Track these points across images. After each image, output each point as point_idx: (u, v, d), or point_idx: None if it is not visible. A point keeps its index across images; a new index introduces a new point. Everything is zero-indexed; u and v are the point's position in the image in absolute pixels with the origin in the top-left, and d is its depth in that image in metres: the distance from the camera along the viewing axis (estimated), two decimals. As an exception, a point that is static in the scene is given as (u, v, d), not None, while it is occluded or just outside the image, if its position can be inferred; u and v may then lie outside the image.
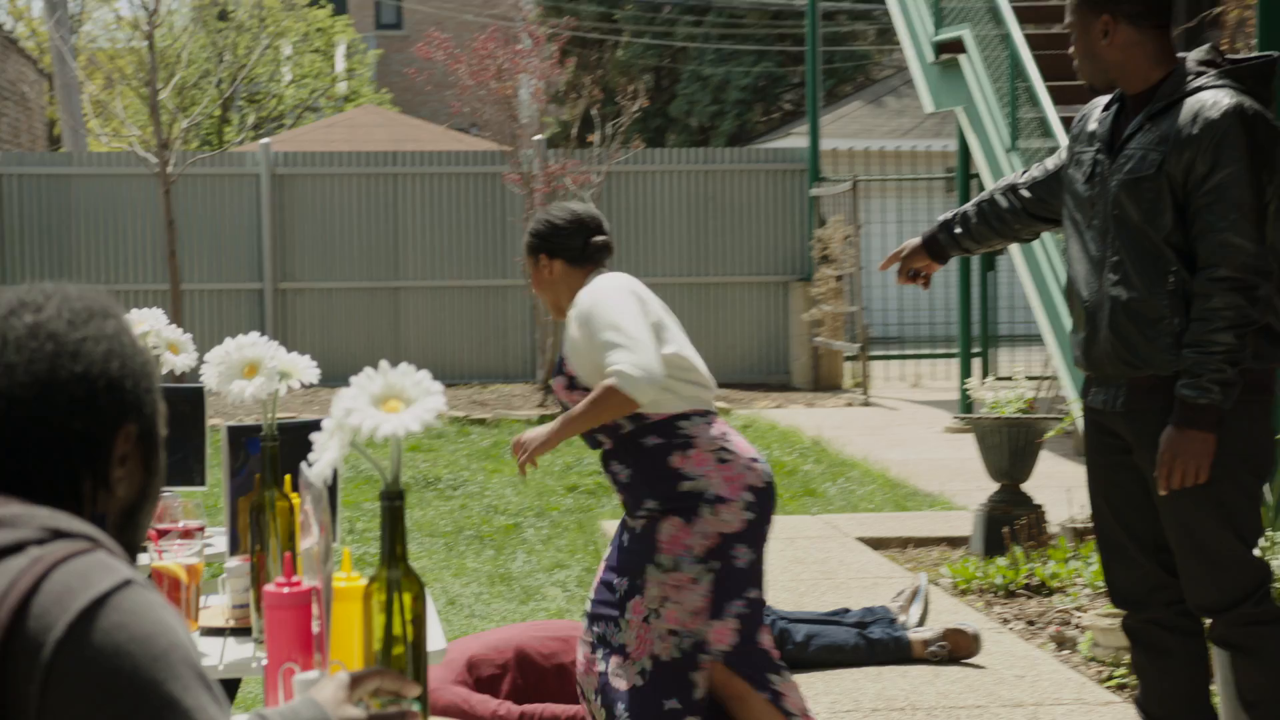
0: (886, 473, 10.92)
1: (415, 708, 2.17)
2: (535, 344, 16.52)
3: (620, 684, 4.62)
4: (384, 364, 2.32)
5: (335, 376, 16.86)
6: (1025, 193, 4.45)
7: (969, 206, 4.56)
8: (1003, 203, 4.47)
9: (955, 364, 17.30)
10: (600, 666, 4.70)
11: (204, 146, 27.28)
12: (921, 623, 6.12)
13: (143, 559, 3.93)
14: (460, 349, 17.09)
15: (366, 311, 17.08)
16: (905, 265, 4.62)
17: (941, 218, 4.62)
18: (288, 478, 3.35)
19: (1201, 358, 3.85)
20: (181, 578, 3.08)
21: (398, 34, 37.35)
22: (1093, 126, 4.16)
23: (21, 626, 1.58)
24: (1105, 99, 4.17)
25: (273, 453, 3.16)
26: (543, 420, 14.03)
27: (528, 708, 5.59)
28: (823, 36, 28.82)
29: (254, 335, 3.21)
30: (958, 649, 5.91)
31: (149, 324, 4.27)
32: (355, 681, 2.16)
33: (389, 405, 2.27)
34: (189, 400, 4.38)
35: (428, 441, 12.93)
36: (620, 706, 4.59)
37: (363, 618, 2.27)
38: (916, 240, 4.61)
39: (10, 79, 20.36)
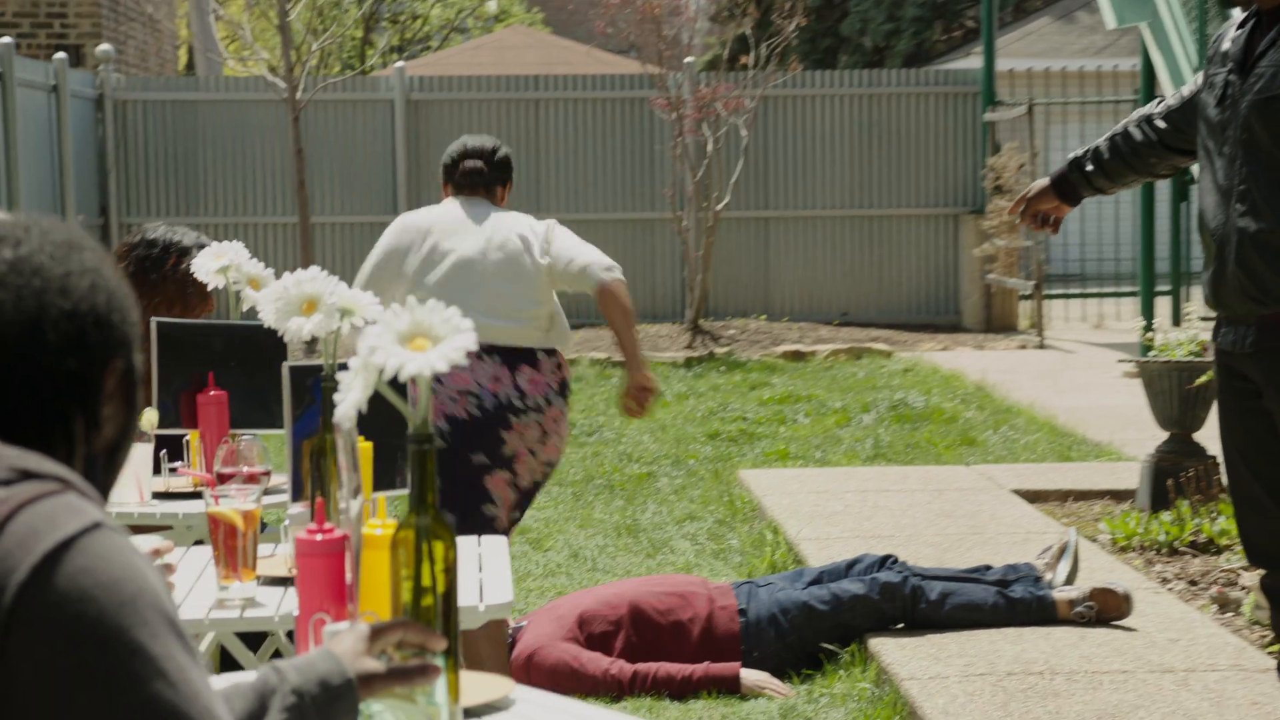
0: (1053, 420, 10.81)
1: (440, 662, 2.20)
2: (684, 282, 16.53)
3: None
4: (411, 300, 2.35)
5: (472, 315, 16.99)
6: (1160, 123, 4.36)
7: (1101, 141, 4.48)
8: (1137, 135, 4.39)
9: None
10: None
11: (345, 71, 27.57)
12: (1069, 581, 6.07)
13: (197, 504, 4.04)
14: (604, 286, 17.12)
15: (506, 246, 17.18)
16: (1031, 208, 4.55)
17: (1072, 155, 4.55)
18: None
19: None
20: (238, 524, 3.15)
21: (548, -51, 37.41)
22: (1226, 46, 4.08)
23: (-17, 571, 1.63)
24: (1241, 17, 4.08)
25: (333, 394, 3.21)
26: (689, 363, 14.07)
27: (641, 666, 5.65)
28: (1005, -53, 28.41)
29: (314, 269, 3.26)
30: (1106, 609, 5.86)
31: (229, 257, 4.35)
32: (376, 634, 2.20)
33: (416, 343, 2.31)
34: (272, 338, 4.47)
35: (565, 384, 13.00)
36: None
37: (390, 567, 2.32)
38: (1044, 181, 4.54)
39: None
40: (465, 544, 3.83)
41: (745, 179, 16.98)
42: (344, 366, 3.48)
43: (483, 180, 5.74)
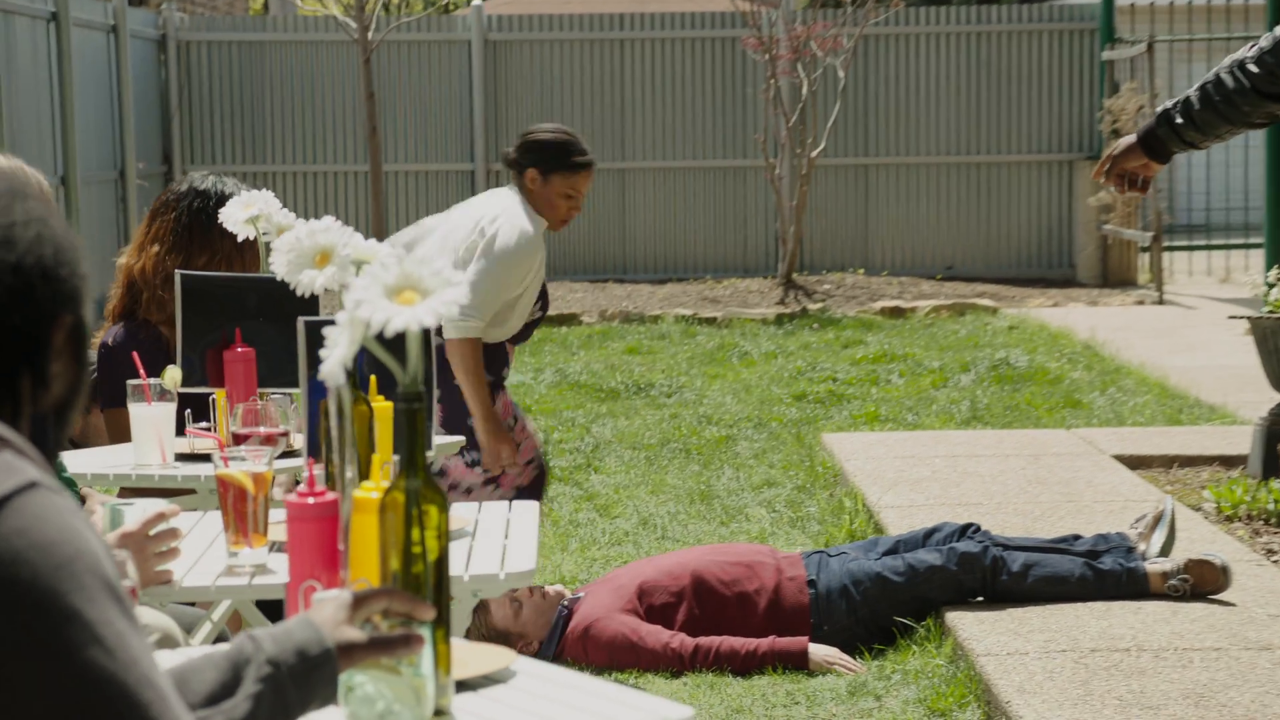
0: (1165, 381, 10.73)
1: (427, 632, 2.23)
2: (777, 234, 16.50)
3: None
4: (400, 251, 2.37)
5: (554, 268, 17.04)
6: (1253, 67, 4.29)
7: (1192, 90, 4.41)
8: (1229, 82, 4.32)
9: None
10: None
11: (428, 8, 27.64)
12: (1164, 553, 6.03)
13: (206, 467, 4.09)
14: (693, 238, 17.16)
15: (589, 195, 17.19)
16: (1117, 168, 4.49)
17: (1161, 108, 4.48)
18: (373, 379, 3.43)
19: None
20: (248, 487, 3.19)
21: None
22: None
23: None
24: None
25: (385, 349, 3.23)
26: (780, 320, 14.04)
27: (704, 640, 5.67)
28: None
29: (328, 219, 3.28)
30: (1202, 583, 5.82)
31: (259, 206, 4.38)
32: (359, 602, 2.23)
33: (403, 297, 2.33)
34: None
35: (648, 344, 13.05)
36: None
37: (379, 532, 2.34)
38: (1131, 138, 4.48)
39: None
40: (495, 508, 3.86)
41: (842, 124, 16.91)
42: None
43: (509, 163, 6.43)
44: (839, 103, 16.11)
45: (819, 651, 5.65)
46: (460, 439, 4.96)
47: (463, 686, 2.46)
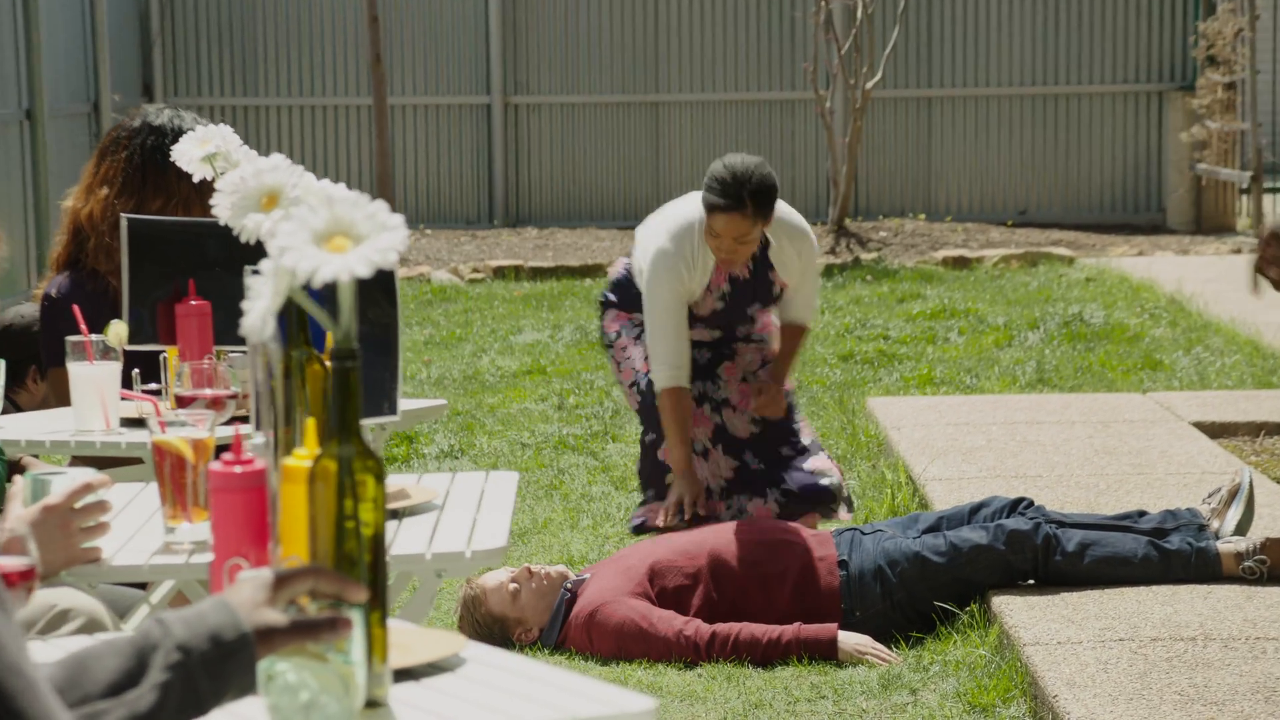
0: (1257, 340, 10.69)
1: (356, 615, 2.24)
2: (828, 175, 16.46)
3: None
4: (334, 191, 2.38)
5: (579, 213, 17.07)
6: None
7: None
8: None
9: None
10: None
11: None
12: (1240, 531, 6.02)
13: (141, 434, 4.11)
14: (734, 179, 17.10)
15: (619, 132, 17.23)
16: (1271, 252, 4.46)
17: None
18: (329, 335, 3.45)
19: None
20: (186, 456, 3.21)
21: None
22: None
23: None
24: None
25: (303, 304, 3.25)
26: (830, 271, 14.03)
27: (721, 627, 5.69)
28: None
29: (277, 157, 3.28)
30: (1280, 565, 5.82)
31: (216, 143, 4.40)
32: (282, 581, 2.24)
33: (334, 243, 2.34)
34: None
35: (679, 296, 13.04)
36: None
37: (307, 504, 2.36)
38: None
39: None
40: (469, 479, 3.88)
41: (902, 51, 16.87)
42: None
43: None
44: (898, 27, 16.07)
45: (849, 640, 5.66)
46: (440, 402, 5.00)
47: (404, 675, 2.48)
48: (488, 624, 5.91)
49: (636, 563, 5.93)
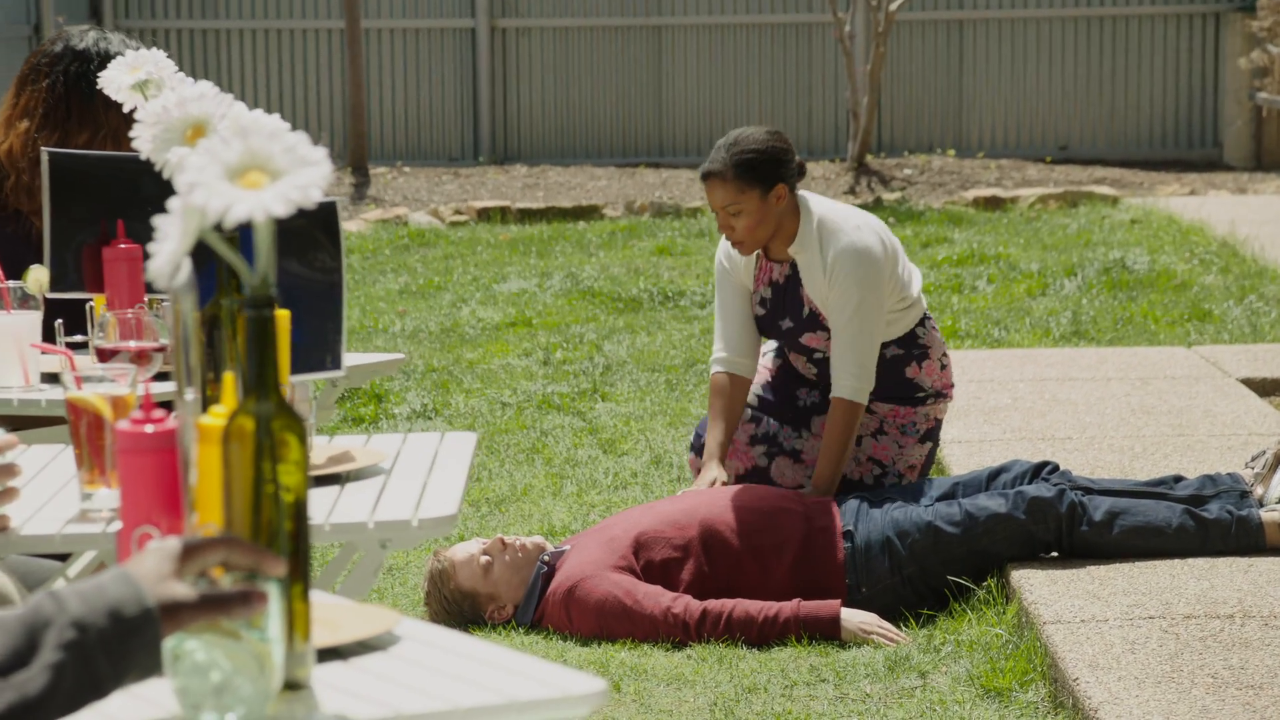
0: (1317, 288, 10.71)
1: (273, 588, 2.24)
2: (848, 107, 16.44)
3: None
4: (250, 121, 2.38)
5: (573, 149, 17.06)
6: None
7: None
8: None
9: None
10: None
11: None
12: (1287, 499, 6.04)
13: (56, 390, 4.12)
14: (744, 112, 17.13)
15: (617, 58, 17.21)
16: None
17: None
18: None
19: None
20: (105, 414, 3.22)
21: None
22: None
23: None
24: None
25: (232, 247, 3.26)
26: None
27: (713, 604, 5.71)
28: None
29: (205, 85, 3.29)
30: (1330, 536, 5.83)
31: (148, 69, 4.40)
32: (191, 552, 2.25)
33: (249, 179, 2.34)
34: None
35: (682, 243, 13.07)
36: None
37: (221, 467, 2.36)
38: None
39: None
40: (423, 440, 3.89)
41: (931, -32, 16.87)
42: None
43: None
44: (925, -58, 16.04)
45: (854, 618, 5.68)
46: (397, 356, 5.00)
47: (331, 655, 2.49)
48: (457, 600, 5.92)
49: (620, 533, 5.94)
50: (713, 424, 6.44)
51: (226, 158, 2.34)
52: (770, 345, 6.65)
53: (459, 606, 5.92)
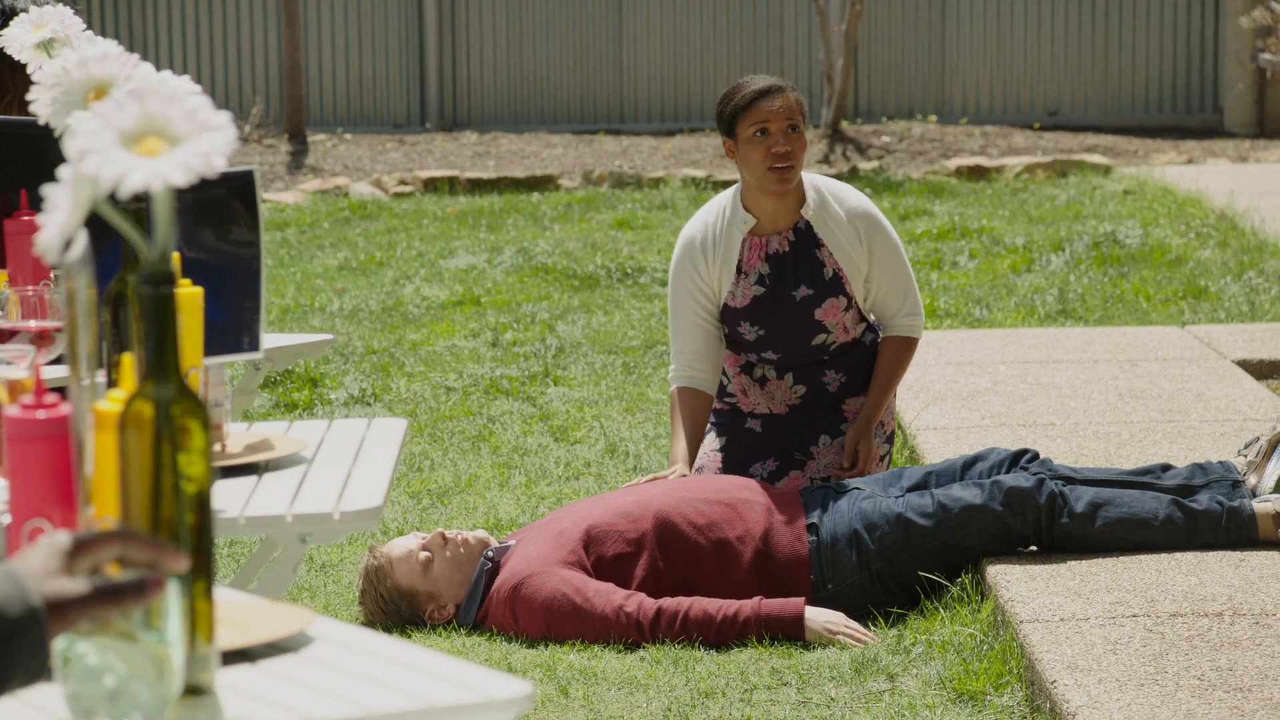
0: (1320, 263, 10.75)
1: (175, 586, 2.24)
2: (822, 70, 16.44)
3: None
4: (150, 82, 2.37)
5: (527, 114, 17.06)
6: None
7: None
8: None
9: None
10: None
11: None
12: (1281, 489, 6.06)
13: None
14: (710, 76, 17.13)
15: (575, 16, 17.20)
16: None
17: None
18: (176, 256, 3.45)
19: None
20: (1, 399, 3.21)
21: None
22: None
23: None
24: None
25: (138, 218, 3.25)
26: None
27: (669, 602, 5.72)
28: None
29: (110, 44, 3.28)
30: (1327, 528, 5.85)
31: (54, 27, 4.39)
32: (81, 547, 2.24)
33: (146, 145, 2.33)
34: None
35: (643, 215, 13.07)
36: None
37: (118, 456, 2.36)
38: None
39: None
40: (348, 427, 3.89)
41: (911, -79, 16.88)
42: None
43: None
44: (904, -107, 16.06)
45: (819, 617, 5.69)
46: (325, 337, 5.00)
47: (238, 657, 2.49)
48: (394, 599, 5.92)
49: (570, 526, 5.94)
50: (676, 436, 6.47)
51: (122, 122, 2.34)
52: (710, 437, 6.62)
53: (396, 606, 5.92)
